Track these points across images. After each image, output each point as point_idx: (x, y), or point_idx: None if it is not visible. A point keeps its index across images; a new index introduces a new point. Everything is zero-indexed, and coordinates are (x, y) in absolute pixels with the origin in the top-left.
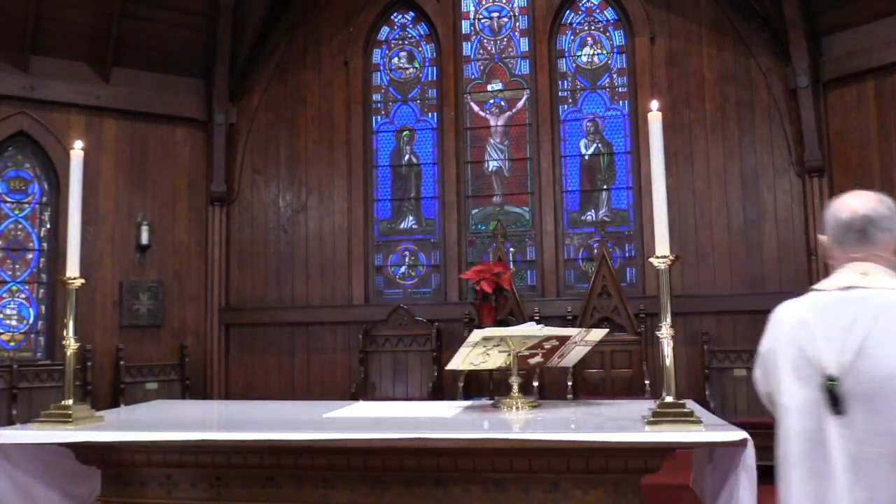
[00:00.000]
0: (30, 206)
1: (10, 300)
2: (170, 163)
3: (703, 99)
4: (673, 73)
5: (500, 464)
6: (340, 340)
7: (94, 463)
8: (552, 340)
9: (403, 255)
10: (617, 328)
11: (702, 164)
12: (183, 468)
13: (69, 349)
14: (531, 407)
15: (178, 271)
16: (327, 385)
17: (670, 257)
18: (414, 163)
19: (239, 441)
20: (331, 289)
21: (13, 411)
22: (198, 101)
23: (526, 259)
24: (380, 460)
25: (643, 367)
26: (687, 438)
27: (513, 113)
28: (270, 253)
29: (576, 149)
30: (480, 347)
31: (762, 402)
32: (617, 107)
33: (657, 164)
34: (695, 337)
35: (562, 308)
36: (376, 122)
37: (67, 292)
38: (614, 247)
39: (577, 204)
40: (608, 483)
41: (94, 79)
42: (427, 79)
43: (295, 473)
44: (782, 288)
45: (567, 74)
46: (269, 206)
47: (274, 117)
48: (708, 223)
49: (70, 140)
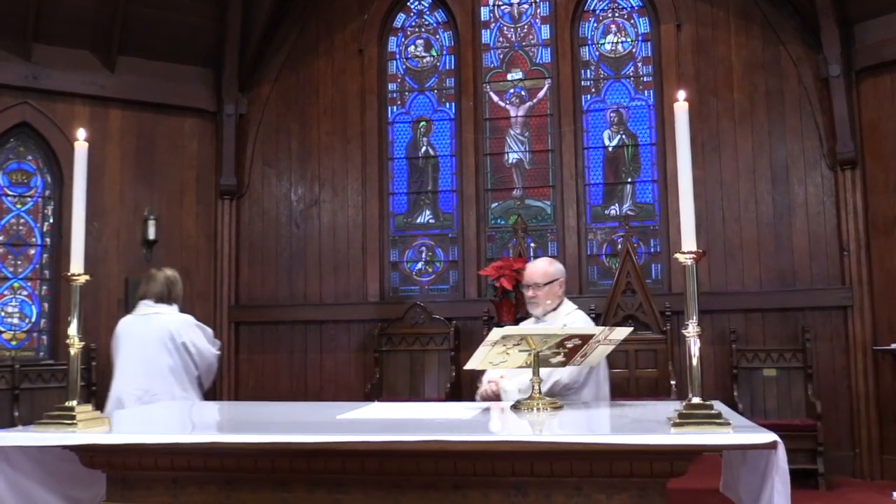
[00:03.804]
0: (32, 199)
1: (11, 297)
2: (177, 155)
3: (731, 88)
4: (700, 61)
5: (520, 467)
6: (355, 339)
7: (99, 466)
8: (574, 339)
9: (420, 251)
10: (642, 326)
11: (730, 155)
12: (191, 471)
13: (73, 348)
14: (553, 408)
15: (186, 267)
16: (341, 386)
17: (697, 252)
18: (431, 155)
19: (249, 443)
20: (345, 285)
21: (15, 413)
22: (206, 90)
23: (547, 255)
24: (396, 464)
25: (669, 367)
26: (714, 441)
27: (534, 103)
28: (282, 248)
29: (599, 140)
30: (500, 346)
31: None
32: (642, 96)
33: (683, 156)
34: (722, 335)
35: (584, 306)
36: (392, 112)
37: (71, 289)
38: (639, 242)
39: (601, 197)
40: (633, 487)
41: (99, 68)
42: (445, 67)
43: (307, 477)
44: (813, 285)
45: (590, 63)
46: (280, 199)
47: (285, 108)
48: (736, 217)
49: (74, 131)
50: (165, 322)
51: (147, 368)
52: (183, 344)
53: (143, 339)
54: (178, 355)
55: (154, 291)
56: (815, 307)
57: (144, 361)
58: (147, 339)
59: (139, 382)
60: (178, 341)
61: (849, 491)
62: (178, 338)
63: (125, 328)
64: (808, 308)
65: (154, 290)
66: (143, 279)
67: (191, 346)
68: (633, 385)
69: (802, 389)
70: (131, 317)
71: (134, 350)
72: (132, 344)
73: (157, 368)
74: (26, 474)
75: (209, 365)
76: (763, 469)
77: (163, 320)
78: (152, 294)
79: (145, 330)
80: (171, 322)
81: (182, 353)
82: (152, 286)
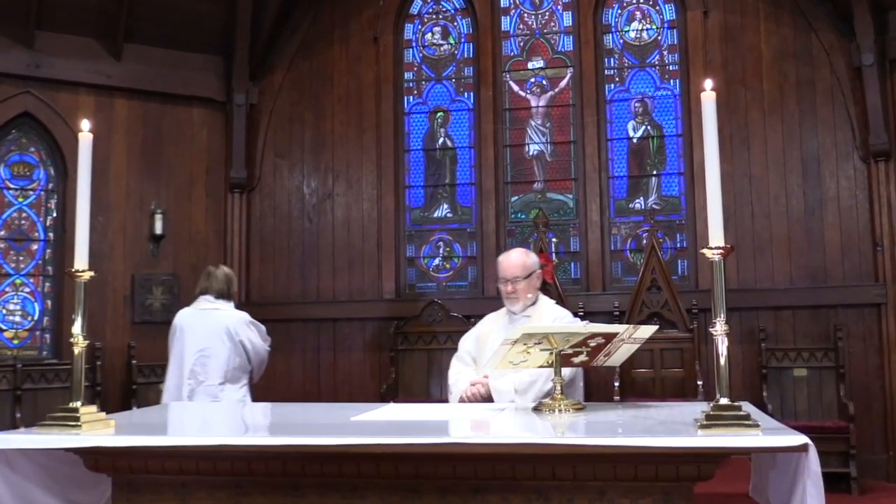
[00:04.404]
0: (35, 193)
1: (13, 294)
2: (186, 146)
3: (760, 78)
4: (728, 49)
5: (541, 471)
6: (369, 338)
7: (104, 470)
8: (597, 338)
9: (437, 246)
10: (667, 325)
11: (759, 147)
12: (200, 475)
13: (77, 347)
14: (575, 409)
15: (195, 263)
16: (355, 386)
17: (725, 248)
18: (449, 146)
19: (260, 446)
20: (359, 282)
21: (17, 414)
22: (216, 79)
23: (569, 250)
24: (412, 467)
25: (696, 367)
26: (743, 443)
27: (555, 93)
28: (294, 244)
29: (623, 131)
30: (521, 345)
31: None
32: (667, 86)
33: (711, 148)
34: (751, 334)
35: (608, 303)
36: (408, 102)
37: (75, 286)
38: (664, 237)
39: (625, 191)
40: (658, 491)
41: (105, 56)
42: (463, 56)
43: (320, 481)
44: (846, 281)
45: (614, 51)
46: (292, 193)
47: (298, 97)
48: (766, 211)
49: (78, 122)
50: (225, 318)
51: (205, 361)
52: (240, 340)
53: (203, 333)
54: (234, 350)
55: (215, 288)
56: (847, 304)
57: (203, 354)
58: (207, 333)
59: (197, 374)
60: (236, 338)
61: (882, 495)
62: (236, 335)
63: (185, 321)
64: (840, 305)
65: (215, 286)
66: (202, 275)
67: (246, 343)
68: (659, 385)
69: (834, 390)
70: (191, 310)
71: (194, 342)
72: (192, 336)
73: (214, 361)
74: (28, 478)
75: (262, 360)
76: (794, 473)
77: (223, 316)
78: (213, 290)
79: (206, 324)
80: (230, 318)
81: (238, 348)
82: (213, 283)
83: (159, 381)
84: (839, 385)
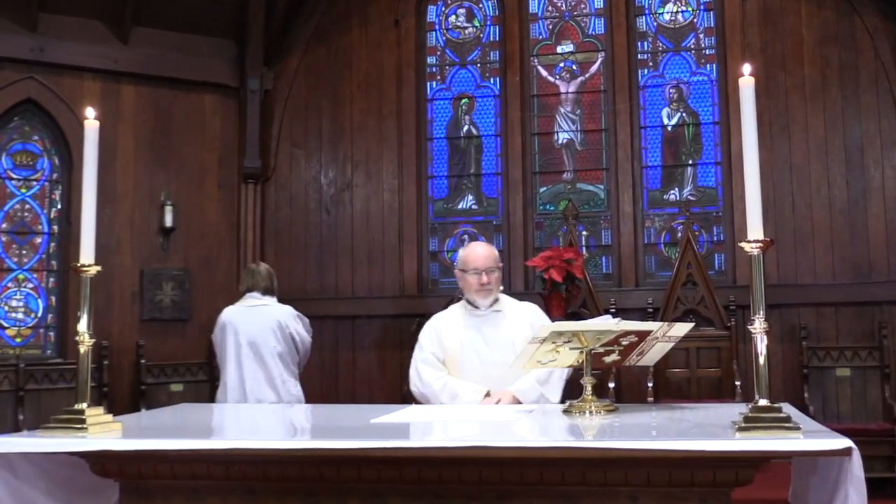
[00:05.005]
0: (38, 183)
1: (16, 290)
2: (197, 135)
3: (801, 62)
4: (767, 33)
5: (571, 475)
6: (390, 336)
7: (112, 475)
8: (630, 336)
9: (461, 240)
10: (704, 322)
11: (800, 135)
12: (212, 480)
13: (83, 346)
14: (606, 411)
15: (207, 258)
16: (375, 387)
17: (764, 241)
18: (473, 134)
19: (275, 450)
20: (379, 277)
21: (20, 416)
22: (229, 64)
23: (600, 244)
24: (435, 472)
25: (733, 367)
26: (783, 447)
27: (586, 78)
28: (311, 237)
29: (657, 119)
30: (549, 344)
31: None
32: (704, 71)
33: (749, 136)
34: (792, 332)
35: (641, 299)
36: (431, 88)
37: (81, 281)
38: (701, 230)
39: (659, 181)
40: (694, 497)
41: (112, 39)
42: (488, 39)
43: (339, 487)
44: (891, 276)
45: (647, 34)
46: (309, 183)
47: (315, 83)
48: (807, 202)
49: (84, 109)
50: (276, 312)
51: (261, 355)
52: (290, 333)
53: (257, 328)
54: (285, 343)
55: (262, 285)
56: (893, 301)
57: (258, 348)
58: (261, 329)
59: (254, 369)
60: (287, 331)
61: None
62: (287, 328)
63: (235, 317)
64: (885, 302)
65: (261, 283)
66: (245, 273)
67: (295, 335)
68: (695, 386)
69: (879, 391)
70: (239, 307)
71: (247, 338)
72: (245, 333)
73: (269, 354)
74: (31, 483)
75: (306, 352)
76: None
77: (272, 311)
78: (260, 287)
79: (257, 319)
80: (280, 313)
81: (289, 341)
82: (259, 280)
83: (169, 382)
84: (884, 385)
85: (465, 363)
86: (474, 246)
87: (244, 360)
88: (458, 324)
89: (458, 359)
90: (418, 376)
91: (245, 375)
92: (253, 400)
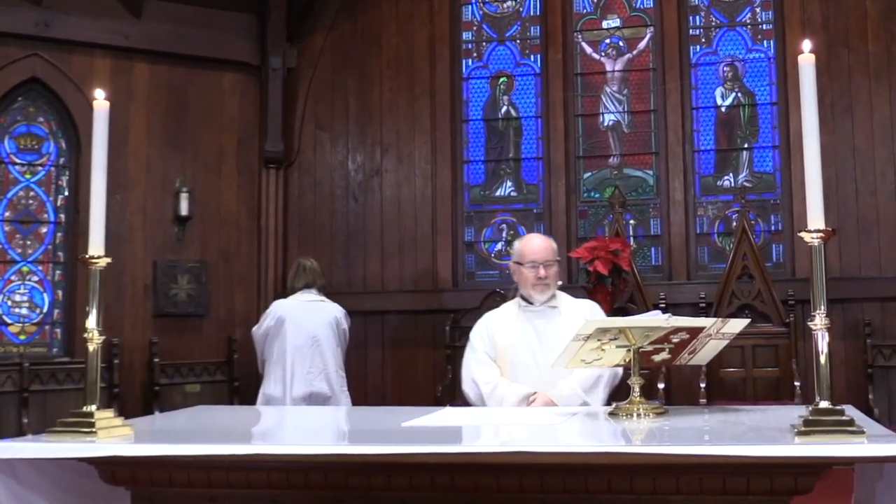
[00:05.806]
0: (44, 168)
1: (20, 284)
2: (215, 117)
3: (865, 38)
4: (829, 6)
5: (617, 483)
6: (423, 333)
7: (122, 482)
8: (681, 333)
9: (500, 229)
10: (760, 318)
11: (864, 117)
12: (231, 488)
13: (92, 344)
14: (656, 414)
15: (225, 249)
16: (407, 387)
17: (826, 231)
18: (512, 116)
19: (300, 455)
20: (411, 270)
21: (24, 419)
22: (249, 41)
23: (649, 233)
24: (471, 479)
25: (792, 366)
26: (846, 452)
27: (633, 55)
28: (337, 226)
29: (710, 99)
30: (594, 341)
31: None
32: (760, 48)
33: (810, 118)
34: (855, 328)
35: (693, 293)
36: (466, 66)
37: (90, 274)
38: (757, 218)
39: (712, 166)
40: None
41: (123, 13)
42: (529, 14)
43: (367, 494)
44: None
45: (699, 8)
46: (335, 168)
47: (342, 61)
48: (871, 189)
49: (93, 88)
50: (332, 310)
51: (322, 349)
52: (343, 330)
53: (316, 324)
54: (338, 339)
55: (319, 283)
56: None
57: (319, 342)
58: (321, 325)
59: (314, 362)
60: (341, 327)
61: None
62: (341, 325)
63: (292, 313)
64: None
65: (319, 281)
66: (299, 270)
67: (346, 333)
68: (750, 386)
69: None
70: (296, 302)
71: (310, 332)
72: (307, 326)
73: (329, 348)
74: (36, 490)
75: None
76: None
77: (329, 308)
78: (317, 285)
79: (317, 314)
80: (335, 310)
81: (340, 338)
82: (316, 277)
83: (185, 382)
84: None
85: (517, 362)
86: (531, 237)
87: (305, 353)
88: (510, 321)
89: (509, 358)
90: (471, 376)
91: (305, 368)
92: (307, 392)
